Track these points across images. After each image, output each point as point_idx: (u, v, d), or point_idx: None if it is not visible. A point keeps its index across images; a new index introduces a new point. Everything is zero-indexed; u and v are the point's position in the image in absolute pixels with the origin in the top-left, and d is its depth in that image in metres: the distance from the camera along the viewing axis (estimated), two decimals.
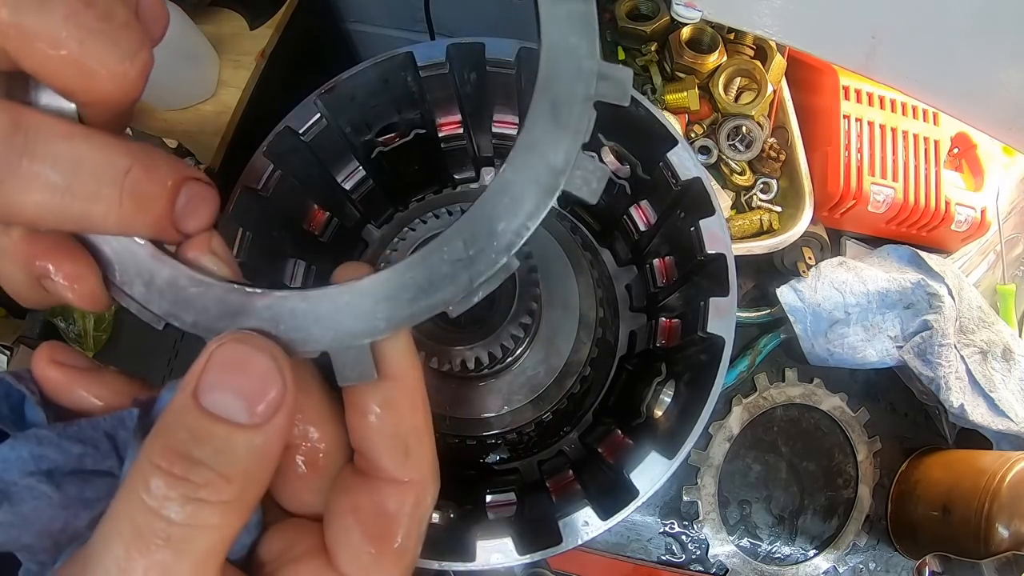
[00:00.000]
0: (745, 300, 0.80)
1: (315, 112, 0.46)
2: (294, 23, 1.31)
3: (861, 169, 0.74)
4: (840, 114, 0.75)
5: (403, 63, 0.47)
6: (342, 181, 0.53)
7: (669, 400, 0.47)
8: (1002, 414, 0.71)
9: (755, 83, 0.74)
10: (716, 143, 0.74)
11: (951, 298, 0.72)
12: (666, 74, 0.75)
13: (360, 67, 0.47)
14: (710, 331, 0.42)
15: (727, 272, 0.44)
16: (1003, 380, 0.72)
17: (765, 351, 0.77)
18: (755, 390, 0.77)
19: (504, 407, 0.49)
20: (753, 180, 0.75)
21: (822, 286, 0.74)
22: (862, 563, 0.76)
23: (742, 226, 0.74)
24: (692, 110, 0.74)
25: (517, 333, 0.42)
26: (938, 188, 0.76)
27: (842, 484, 0.78)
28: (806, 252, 0.76)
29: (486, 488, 0.49)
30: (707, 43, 0.75)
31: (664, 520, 0.74)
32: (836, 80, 0.76)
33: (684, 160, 0.46)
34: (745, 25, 0.52)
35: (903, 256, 0.78)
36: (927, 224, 0.77)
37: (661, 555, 0.74)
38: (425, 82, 0.48)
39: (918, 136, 0.77)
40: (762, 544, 0.76)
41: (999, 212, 0.78)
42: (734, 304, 0.43)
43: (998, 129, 0.49)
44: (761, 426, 0.78)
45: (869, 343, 0.73)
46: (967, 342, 0.72)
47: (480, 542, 0.39)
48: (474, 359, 0.42)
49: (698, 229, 0.45)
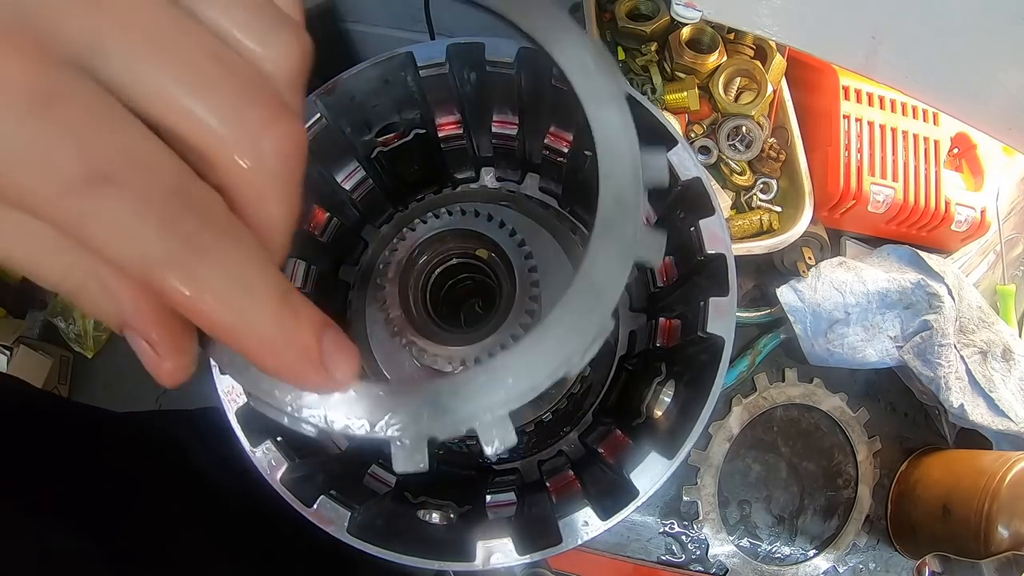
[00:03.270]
0: (745, 300, 0.80)
1: (315, 112, 0.46)
2: None
3: (861, 169, 0.74)
4: (840, 114, 0.75)
5: (403, 63, 0.47)
6: (342, 181, 0.53)
7: (669, 400, 0.47)
8: (1002, 414, 0.71)
9: (755, 83, 0.74)
10: (716, 143, 0.74)
11: (951, 298, 0.72)
12: (666, 74, 0.75)
13: (360, 67, 0.47)
14: (710, 331, 0.42)
15: (727, 272, 0.43)
16: (1003, 380, 0.72)
17: (765, 351, 0.77)
18: (755, 390, 0.77)
19: None
20: (753, 180, 0.75)
21: (822, 286, 0.74)
22: (862, 563, 0.76)
23: (742, 226, 0.74)
24: (692, 110, 0.74)
25: (517, 333, 0.42)
26: (938, 188, 0.76)
27: (842, 484, 0.78)
28: (806, 252, 0.76)
29: (486, 488, 0.49)
30: (707, 43, 0.75)
31: (664, 520, 0.74)
32: (836, 80, 0.76)
33: (684, 160, 0.46)
34: (745, 25, 0.52)
35: (903, 256, 0.77)
36: (927, 224, 0.77)
37: (661, 555, 0.74)
38: (425, 82, 0.48)
39: (918, 136, 0.77)
40: (762, 544, 0.76)
41: (999, 212, 0.78)
42: (734, 304, 0.43)
43: (998, 129, 0.49)
44: (761, 426, 0.78)
45: (869, 343, 0.73)
46: (967, 342, 0.72)
47: (480, 542, 0.39)
48: (474, 359, 0.42)
49: (698, 229, 0.45)
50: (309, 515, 0.40)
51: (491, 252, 0.44)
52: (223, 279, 0.20)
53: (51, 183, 0.19)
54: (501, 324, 0.42)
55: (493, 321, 0.43)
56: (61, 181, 0.19)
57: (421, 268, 0.45)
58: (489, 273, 0.45)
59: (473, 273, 0.47)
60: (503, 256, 0.43)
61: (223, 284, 0.20)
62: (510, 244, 0.43)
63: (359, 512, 0.40)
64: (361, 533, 0.39)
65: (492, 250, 0.44)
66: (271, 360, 0.22)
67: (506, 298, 0.43)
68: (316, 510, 0.40)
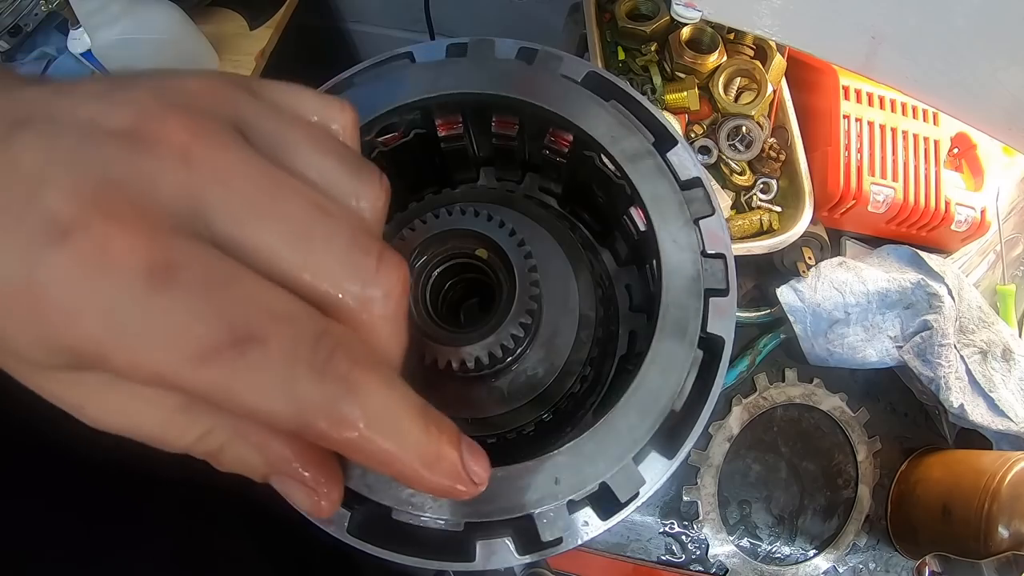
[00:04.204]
0: (745, 300, 0.80)
1: None
2: (294, 23, 1.32)
3: (861, 169, 0.74)
4: (840, 114, 0.75)
5: (403, 63, 0.47)
6: None
7: None
8: (1002, 414, 0.71)
9: (755, 83, 0.74)
10: (716, 143, 0.74)
11: (951, 298, 0.72)
12: (666, 74, 0.75)
13: (360, 67, 0.47)
14: (710, 331, 0.42)
15: (727, 272, 0.43)
16: (1003, 380, 0.72)
17: (765, 351, 0.77)
18: (755, 390, 0.77)
19: (504, 407, 0.49)
20: (753, 180, 0.75)
21: (822, 286, 0.74)
22: (862, 563, 0.76)
23: (742, 226, 0.74)
24: (692, 110, 0.74)
25: (517, 333, 0.42)
26: (938, 188, 0.76)
27: (842, 484, 0.78)
28: (806, 252, 0.76)
29: None
30: (707, 43, 0.75)
31: (664, 520, 0.74)
32: (836, 80, 0.76)
33: (684, 160, 0.45)
34: (745, 25, 0.52)
35: (903, 256, 0.77)
36: (927, 224, 0.77)
37: (661, 555, 0.74)
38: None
39: (918, 136, 0.77)
40: (762, 544, 0.76)
41: (999, 212, 0.78)
42: (734, 304, 0.43)
43: (998, 129, 0.49)
44: (761, 426, 0.78)
45: (869, 343, 0.73)
46: (967, 342, 0.72)
47: (480, 542, 0.39)
48: (474, 359, 0.42)
49: (698, 229, 0.45)
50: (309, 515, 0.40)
51: (491, 252, 0.44)
52: (382, 411, 0.21)
53: (188, 354, 0.18)
54: (501, 324, 0.42)
55: (493, 321, 0.43)
56: (199, 350, 0.18)
57: (421, 268, 0.45)
58: (489, 273, 0.45)
59: (473, 273, 0.47)
60: (503, 256, 0.43)
61: (382, 416, 0.21)
62: (510, 244, 0.43)
63: (359, 512, 0.40)
64: (361, 533, 0.39)
65: (492, 250, 0.44)
66: (430, 479, 0.22)
67: (506, 298, 0.43)
68: None
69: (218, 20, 1.25)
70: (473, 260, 0.45)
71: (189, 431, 0.22)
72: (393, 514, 0.27)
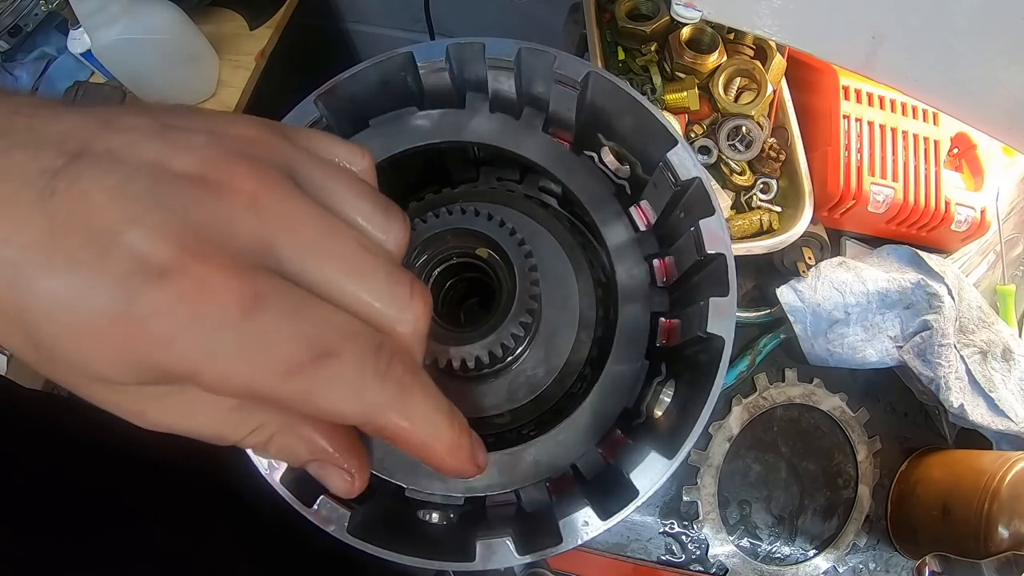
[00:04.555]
0: (745, 300, 0.80)
1: (315, 112, 0.46)
2: (294, 23, 1.32)
3: (861, 169, 0.74)
4: (840, 114, 0.75)
5: (403, 63, 0.47)
6: None
7: (669, 400, 0.47)
8: (1002, 414, 0.71)
9: (755, 83, 0.74)
10: (716, 143, 0.74)
11: (951, 298, 0.72)
12: (666, 74, 0.75)
13: (360, 67, 0.47)
14: (710, 331, 0.42)
15: (727, 272, 0.43)
16: (1003, 380, 0.72)
17: (765, 351, 0.77)
18: (755, 390, 0.77)
19: (504, 406, 0.49)
20: (753, 180, 0.75)
21: (822, 286, 0.74)
22: (862, 563, 0.76)
23: (742, 226, 0.74)
24: (692, 110, 0.74)
25: (517, 332, 0.42)
26: (938, 188, 0.76)
27: (842, 484, 0.78)
28: (806, 252, 0.76)
29: None
30: (707, 43, 0.75)
31: (664, 520, 0.74)
32: (836, 80, 0.76)
33: (684, 160, 0.46)
34: (745, 25, 0.52)
35: (903, 256, 0.78)
36: (927, 224, 0.77)
37: (661, 555, 0.74)
38: (425, 82, 0.48)
39: (918, 136, 0.77)
40: (762, 544, 0.76)
41: (999, 212, 0.78)
42: (734, 304, 0.43)
43: (998, 129, 0.49)
44: (761, 426, 0.78)
45: (869, 343, 0.73)
46: (967, 342, 0.72)
47: (480, 542, 0.39)
48: (474, 359, 0.42)
49: (698, 229, 0.45)
50: (309, 515, 0.40)
51: (491, 251, 0.44)
52: (427, 407, 0.26)
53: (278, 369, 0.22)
54: (501, 323, 0.42)
55: (493, 320, 0.43)
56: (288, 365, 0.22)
57: (421, 268, 0.45)
58: (489, 272, 0.45)
59: (473, 272, 0.47)
60: (503, 255, 0.43)
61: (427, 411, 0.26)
62: (510, 243, 0.43)
63: (359, 512, 0.40)
64: (361, 533, 0.39)
65: (492, 249, 0.44)
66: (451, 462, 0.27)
67: (506, 297, 0.43)
68: (316, 510, 0.40)
69: (218, 20, 1.25)
70: (473, 259, 0.45)
71: (243, 427, 0.26)
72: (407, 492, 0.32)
